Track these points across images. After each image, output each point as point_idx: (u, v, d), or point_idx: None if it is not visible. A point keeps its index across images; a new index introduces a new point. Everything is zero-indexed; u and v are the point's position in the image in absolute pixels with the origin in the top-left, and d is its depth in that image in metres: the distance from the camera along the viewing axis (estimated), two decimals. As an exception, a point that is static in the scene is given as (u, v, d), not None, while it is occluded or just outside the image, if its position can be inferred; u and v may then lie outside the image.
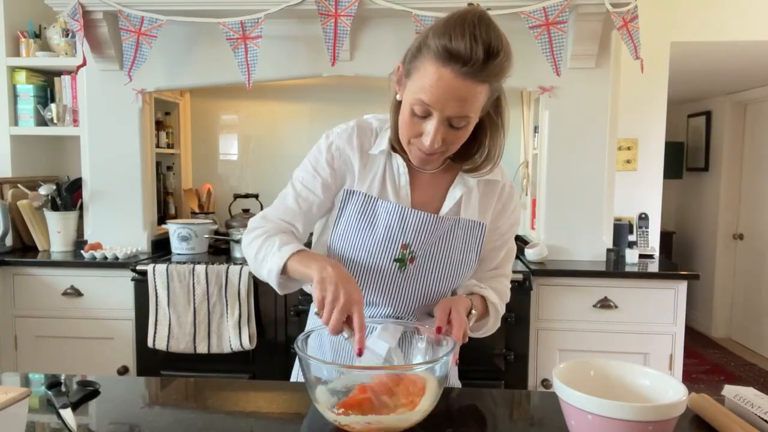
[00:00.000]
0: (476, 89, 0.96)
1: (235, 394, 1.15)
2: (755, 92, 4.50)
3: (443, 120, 0.99)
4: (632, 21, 2.31)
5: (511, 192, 1.21)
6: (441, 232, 1.14)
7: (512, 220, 1.22)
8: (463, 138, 1.04)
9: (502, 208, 1.20)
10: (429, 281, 1.15)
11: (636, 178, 3.02)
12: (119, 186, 2.70)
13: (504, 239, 1.23)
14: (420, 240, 1.13)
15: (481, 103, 1.00)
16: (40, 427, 0.98)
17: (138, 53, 2.47)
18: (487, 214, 1.19)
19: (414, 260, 1.14)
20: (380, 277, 1.14)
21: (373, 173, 1.16)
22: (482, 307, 1.17)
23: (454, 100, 0.96)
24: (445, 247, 1.15)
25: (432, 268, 1.14)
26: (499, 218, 1.20)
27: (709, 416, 0.99)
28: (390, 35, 2.54)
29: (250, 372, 2.39)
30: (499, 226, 1.21)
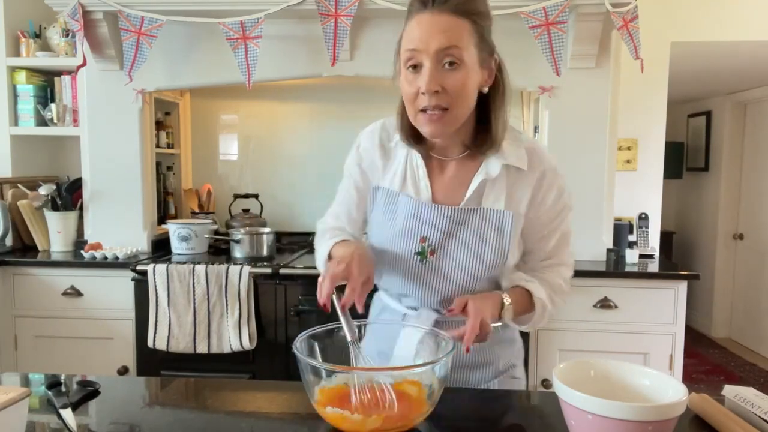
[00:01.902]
0: (454, 21, 1.01)
1: (235, 394, 1.15)
2: (755, 92, 4.50)
3: (434, 59, 1.01)
4: (632, 21, 2.31)
5: (553, 179, 1.14)
6: (460, 223, 1.13)
7: (557, 207, 1.16)
8: (461, 82, 1.02)
9: (543, 197, 1.14)
10: (451, 273, 1.14)
11: (636, 178, 3.02)
12: (119, 186, 2.70)
13: (551, 228, 1.17)
14: (437, 232, 1.13)
15: (466, 39, 1.02)
16: (40, 427, 0.98)
17: (138, 53, 2.47)
18: (519, 203, 1.13)
19: (434, 252, 1.14)
20: (405, 269, 1.16)
21: (394, 168, 1.19)
22: (525, 301, 1.14)
23: (438, 33, 1.00)
24: (466, 238, 1.13)
25: (453, 259, 1.13)
26: (539, 207, 1.14)
27: (709, 416, 0.99)
28: (390, 35, 2.52)
29: (250, 372, 2.39)
30: (539, 215, 1.15)
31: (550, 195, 1.14)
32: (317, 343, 1.10)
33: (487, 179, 1.12)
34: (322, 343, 1.11)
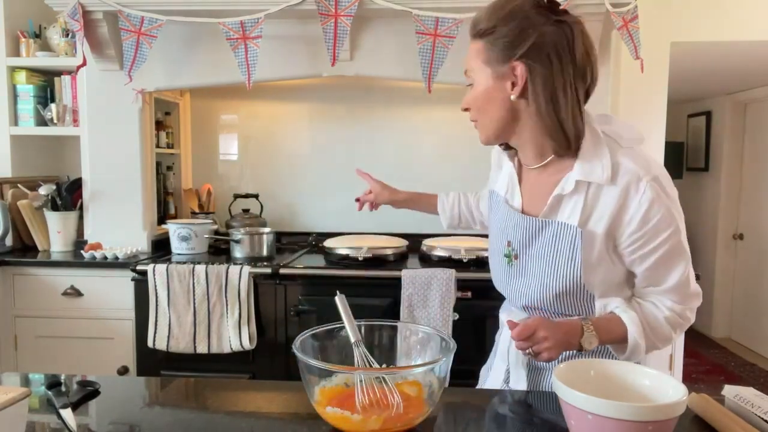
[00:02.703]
0: (471, 47, 1.10)
1: (235, 394, 1.15)
2: (755, 92, 4.50)
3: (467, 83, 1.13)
4: (632, 21, 2.31)
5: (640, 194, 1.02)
6: (537, 233, 1.14)
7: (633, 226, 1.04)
8: (473, 97, 1.11)
9: (629, 214, 1.04)
10: (528, 279, 1.16)
11: (636, 178, 3.02)
12: (119, 186, 2.70)
13: (644, 249, 1.05)
14: (518, 239, 1.17)
15: (475, 59, 1.09)
16: (40, 427, 0.98)
17: (138, 53, 2.46)
18: (598, 221, 1.07)
19: (517, 257, 1.18)
20: (499, 269, 1.24)
21: (503, 175, 1.26)
22: (618, 330, 1.08)
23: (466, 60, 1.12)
24: (541, 249, 1.13)
25: (530, 267, 1.16)
26: (626, 226, 1.05)
27: (709, 416, 0.99)
28: (390, 35, 2.54)
29: (250, 372, 2.39)
30: (627, 234, 1.05)
31: (637, 214, 1.03)
32: (317, 343, 1.10)
33: (563, 194, 1.09)
34: (322, 343, 1.11)
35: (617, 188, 1.04)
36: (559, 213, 1.11)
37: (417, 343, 1.15)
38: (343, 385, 1.02)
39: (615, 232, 1.07)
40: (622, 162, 1.05)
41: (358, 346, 1.07)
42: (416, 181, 1.88)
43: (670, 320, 1.10)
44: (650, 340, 1.10)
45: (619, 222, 1.06)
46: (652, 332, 1.10)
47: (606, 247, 1.08)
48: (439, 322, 2.20)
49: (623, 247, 1.07)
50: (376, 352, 1.13)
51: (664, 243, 1.05)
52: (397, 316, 2.25)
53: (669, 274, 1.08)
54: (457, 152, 3.08)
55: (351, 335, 1.08)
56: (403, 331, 1.19)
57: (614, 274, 1.11)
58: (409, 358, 1.15)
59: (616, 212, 1.05)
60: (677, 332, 1.12)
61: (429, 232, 2.86)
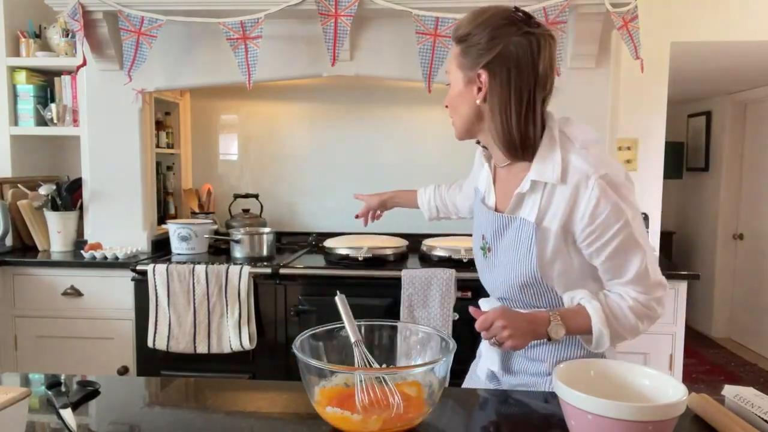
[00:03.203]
0: (453, 49, 1.18)
1: (235, 394, 1.15)
2: (755, 92, 4.50)
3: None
4: (632, 21, 2.31)
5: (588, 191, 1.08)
6: (503, 228, 1.21)
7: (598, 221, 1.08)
8: (449, 98, 1.20)
9: (580, 210, 1.09)
10: (498, 271, 1.24)
11: (636, 178, 2.99)
12: (119, 186, 2.70)
13: (598, 243, 1.10)
14: (490, 233, 1.25)
15: (451, 63, 1.18)
16: (40, 427, 0.99)
17: (138, 53, 2.46)
18: (553, 217, 1.13)
19: (490, 250, 1.26)
20: (478, 261, 1.33)
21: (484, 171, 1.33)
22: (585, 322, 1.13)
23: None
24: (507, 243, 1.21)
25: (499, 260, 1.23)
26: (579, 222, 1.10)
27: (709, 416, 0.99)
28: (390, 35, 2.53)
29: (250, 372, 2.39)
30: (581, 230, 1.11)
31: (588, 218, 1.08)
32: (317, 343, 1.10)
33: (522, 192, 1.16)
34: (322, 343, 1.11)
35: (568, 187, 1.10)
36: (521, 210, 1.18)
37: (417, 343, 1.16)
38: (343, 385, 1.02)
39: (571, 227, 1.12)
40: (573, 162, 1.11)
41: (358, 346, 1.07)
42: (416, 180, 1.88)
43: (635, 310, 1.14)
44: (614, 330, 1.13)
45: (572, 218, 1.11)
46: (616, 321, 1.13)
47: (564, 242, 1.14)
48: (439, 322, 2.20)
49: (579, 241, 1.13)
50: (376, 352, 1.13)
51: (615, 236, 1.09)
52: (397, 316, 2.25)
53: (627, 265, 1.12)
54: (456, 152, 3.07)
55: (351, 335, 1.08)
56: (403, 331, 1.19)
57: (572, 268, 1.17)
58: (409, 358, 1.15)
59: (568, 209, 1.11)
60: (644, 322, 1.16)
61: (429, 232, 2.86)
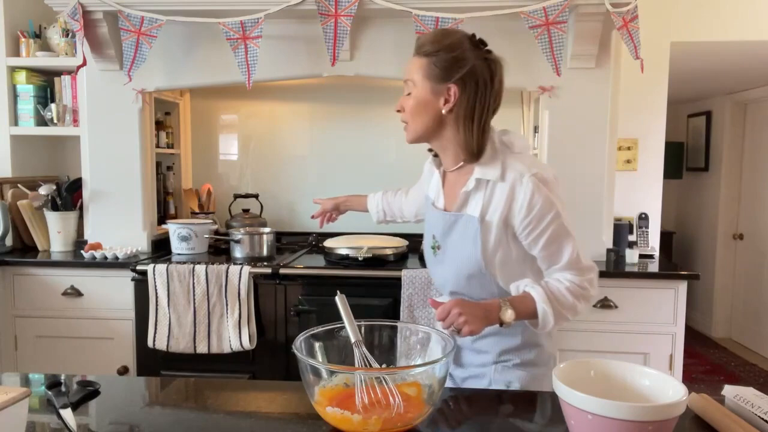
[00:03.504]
0: (414, 60, 1.31)
1: (235, 394, 1.15)
2: (755, 92, 4.50)
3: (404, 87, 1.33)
4: (632, 21, 2.31)
5: (523, 188, 1.24)
6: (451, 226, 1.34)
7: (534, 214, 1.23)
8: (410, 104, 1.32)
9: (517, 205, 1.25)
10: (448, 265, 1.36)
11: (636, 178, 3.02)
12: (119, 186, 2.70)
13: (535, 234, 1.25)
14: (439, 232, 1.38)
15: (417, 73, 1.29)
16: (40, 427, 0.99)
17: (138, 53, 2.47)
18: (494, 212, 1.28)
19: (440, 248, 1.38)
20: (428, 259, 1.45)
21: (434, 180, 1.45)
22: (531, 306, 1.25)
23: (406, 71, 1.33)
24: (455, 239, 1.34)
25: (448, 255, 1.36)
26: (517, 216, 1.25)
27: (709, 416, 0.99)
28: (390, 35, 2.54)
29: (250, 372, 2.39)
30: (519, 223, 1.26)
31: (525, 210, 1.24)
32: (317, 343, 1.10)
33: (468, 191, 1.31)
34: (322, 343, 1.11)
35: (507, 184, 1.27)
36: (467, 207, 1.32)
37: (417, 343, 1.16)
38: (343, 385, 1.02)
39: (511, 220, 1.27)
40: (511, 164, 1.28)
41: (358, 346, 1.07)
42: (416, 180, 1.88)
43: (572, 290, 1.27)
44: (557, 309, 1.25)
45: (511, 211, 1.26)
46: (557, 302, 1.26)
47: (504, 234, 1.28)
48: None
49: (519, 232, 1.27)
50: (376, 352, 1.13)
51: (549, 225, 1.25)
52: (397, 316, 2.25)
53: (561, 252, 1.27)
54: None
55: (351, 335, 1.08)
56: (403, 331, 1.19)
57: (511, 259, 1.31)
58: (409, 358, 1.15)
59: (507, 203, 1.26)
60: (581, 302, 1.28)
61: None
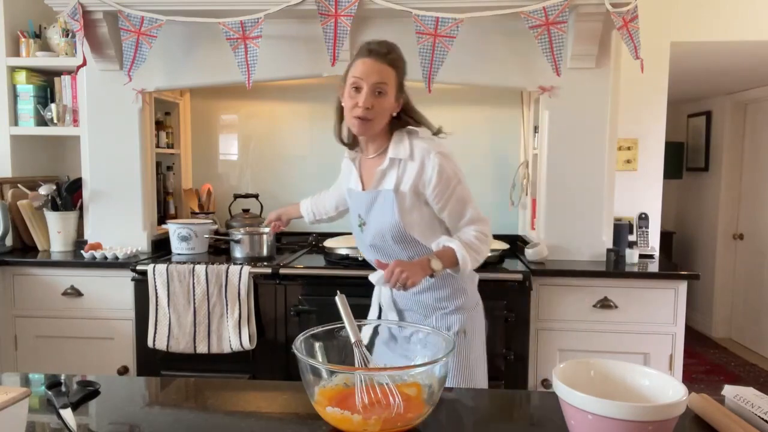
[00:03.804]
0: (386, 69, 1.54)
1: (235, 394, 1.15)
2: (755, 92, 4.50)
3: (371, 87, 1.52)
4: (632, 21, 2.31)
5: (431, 163, 1.53)
6: (372, 202, 1.62)
7: (442, 183, 1.54)
8: (385, 105, 1.54)
9: (427, 178, 1.54)
10: (373, 235, 1.62)
11: (636, 178, 3.02)
12: (119, 186, 2.70)
13: (444, 198, 1.56)
14: (362, 210, 1.65)
15: (392, 80, 1.55)
16: (40, 427, 0.99)
17: (138, 53, 2.47)
18: (406, 184, 1.56)
19: (365, 223, 1.65)
20: (357, 236, 1.72)
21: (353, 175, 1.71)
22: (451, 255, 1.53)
23: (374, 73, 1.53)
24: (376, 212, 1.61)
25: (372, 226, 1.62)
26: (428, 186, 1.55)
27: (709, 416, 0.99)
28: (390, 35, 2.50)
29: (250, 372, 2.39)
30: (431, 192, 1.55)
31: (432, 176, 1.53)
32: (317, 343, 1.10)
33: (383, 169, 1.59)
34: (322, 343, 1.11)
35: (416, 161, 1.56)
36: (383, 183, 1.60)
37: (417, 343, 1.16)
38: (343, 385, 1.02)
39: (421, 189, 1.56)
40: (417, 144, 1.58)
41: (358, 346, 1.07)
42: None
43: (478, 237, 1.58)
44: (471, 253, 1.54)
45: (421, 181, 1.55)
46: (470, 247, 1.54)
47: (417, 199, 1.57)
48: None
49: (430, 199, 1.56)
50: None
51: (455, 190, 1.56)
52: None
53: (465, 211, 1.59)
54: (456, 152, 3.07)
55: (351, 335, 1.08)
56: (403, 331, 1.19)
57: (424, 220, 1.60)
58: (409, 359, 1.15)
59: (418, 176, 1.55)
60: (484, 246, 1.58)
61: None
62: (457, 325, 1.63)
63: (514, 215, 3.09)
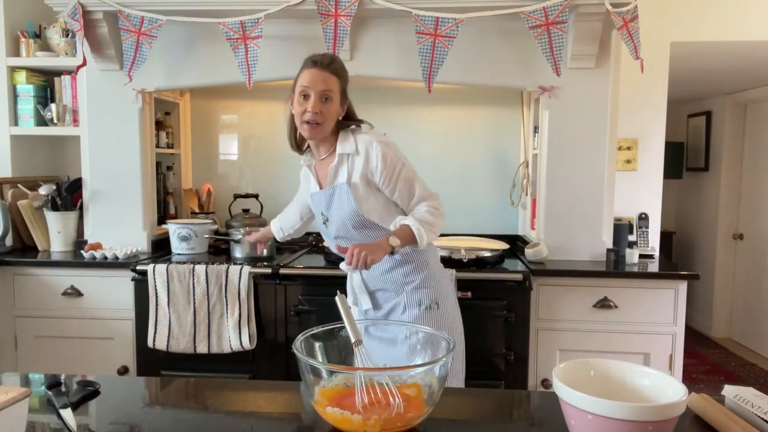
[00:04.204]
0: (330, 77, 1.69)
1: (235, 394, 1.15)
2: (755, 92, 4.50)
3: (318, 94, 1.67)
4: (632, 21, 2.31)
5: (374, 153, 1.68)
6: (331, 197, 1.76)
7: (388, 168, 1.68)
8: (331, 110, 1.69)
9: (373, 166, 1.69)
10: (337, 227, 1.76)
11: (636, 178, 3.02)
12: (119, 186, 2.70)
13: (392, 182, 1.70)
14: (323, 207, 1.79)
15: (336, 88, 1.70)
16: (40, 427, 0.99)
17: (138, 53, 2.47)
18: (356, 176, 1.70)
19: (328, 219, 1.79)
20: (323, 231, 1.86)
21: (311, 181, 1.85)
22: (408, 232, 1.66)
23: (321, 81, 1.68)
24: (335, 206, 1.75)
25: (334, 219, 1.76)
26: (375, 174, 1.69)
27: (709, 416, 0.99)
28: (390, 35, 2.54)
29: (250, 372, 2.39)
30: (379, 178, 1.70)
31: (377, 164, 1.68)
32: (317, 343, 1.10)
33: (334, 165, 1.74)
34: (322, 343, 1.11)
35: (362, 153, 1.71)
36: (337, 179, 1.75)
37: (417, 343, 1.16)
38: (343, 385, 1.02)
39: (371, 178, 1.71)
40: (360, 138, 1.73)
41: (358, 346, 1.07)
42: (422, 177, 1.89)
43: (429, 211, 1.70)
44: (425, 227, 1.67)
45: (369, 170, 1.70)
46: (424, 221, 1.68)
47: (368, 186, 1.71)
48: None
49: (380, 184, 1.71)
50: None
51: (401, 172, 1.70)
52: (397, 316, 2.25)
53: (413, 190, 1.73)
54: (456, 152, 3.09)
55: (351, 335, 1.08)
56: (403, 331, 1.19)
57: (379, 205, 1.74)
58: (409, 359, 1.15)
59: (365, 165, 1.70)
60: (437, 219, 1.71)
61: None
62: (428, 298, 1.74)
63: (514, 215, 3.09)
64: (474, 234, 2.96)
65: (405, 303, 1.75)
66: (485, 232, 3.01)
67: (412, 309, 1.74)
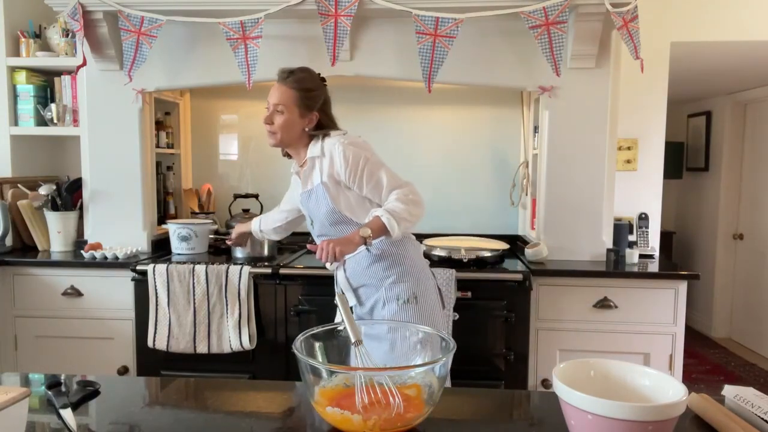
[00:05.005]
0: (286, 90, 1.80)
1: (235, 394, 1.15)
2: (755, 92, 4.50)
3: (272, 106, 1.81)
4: (632, 21, 2.31)
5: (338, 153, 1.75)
6: (308, 199, 1.86)
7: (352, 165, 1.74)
8: (283, 123, 1.80)
9: (338, 166, 1.76)
10: (319, 227, 1.87)
11: (636, 178, 3.02)
12: (119, 186, 2.70)
13: (359, 178, 1.76)
14: (308, 210, 1.90)
15: (290, 101, 1.79)
16: (40, 427, 0.99)
17: (138, 53, 2.47)
18: (324, 176, 1.79)
19: (313, 220, 1.89)
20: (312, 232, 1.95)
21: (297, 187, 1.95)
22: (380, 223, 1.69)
23: (274, 94, 1.81)
24: (312, 205, 1.85)
25: (316, 218, 1.86)
26: (342, 173, 1.76)
27: (709, 416, 0.99)
28: (390, 35, 2.54)
29: (250, 372, 2.39)
30: (347, 176, 1.76)
31: (340, 162, 1.75)
32: (317, 343, 1.10)
33: (308, 170, 1.85)
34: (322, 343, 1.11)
35: (327, 155, 1.79)
36: (311, 182, 1.85)
37: (417, 343, 1.16)
38: (343, 385, 1.02)
39: (338, 178, 1.78)
40: (326, 141, 1.81)
41: (358, 346, 1.07)
42: (416, 180, 1.88)
43: (400, 199, 1.73)
44: (396, 217, 1.69)
45: (335, 170, 1.77)
46: (393, 211, 1.70)
47: (338, 186, 1.80)
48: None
49: (348, 182, 1.78)
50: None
51: (365, 166, 1.76)
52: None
53: (381, 181, 1.77)
54: (456, 152, 3.09)
55: (351, 335, 1.08)
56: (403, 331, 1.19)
57: (351, 201, 1.81)
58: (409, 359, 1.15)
59: (330, 166, 1.78)
60: (410, 206, 1.72)
61: (429, 232, 2.86)
62: (406, 293, 1.77)
63: (514, 215, 3.09)
64: (474, 234, 2.96)
65: (384, 298, 1.78)
66: (485, 232, 3.01)
67: (390, 304, 1.77)
